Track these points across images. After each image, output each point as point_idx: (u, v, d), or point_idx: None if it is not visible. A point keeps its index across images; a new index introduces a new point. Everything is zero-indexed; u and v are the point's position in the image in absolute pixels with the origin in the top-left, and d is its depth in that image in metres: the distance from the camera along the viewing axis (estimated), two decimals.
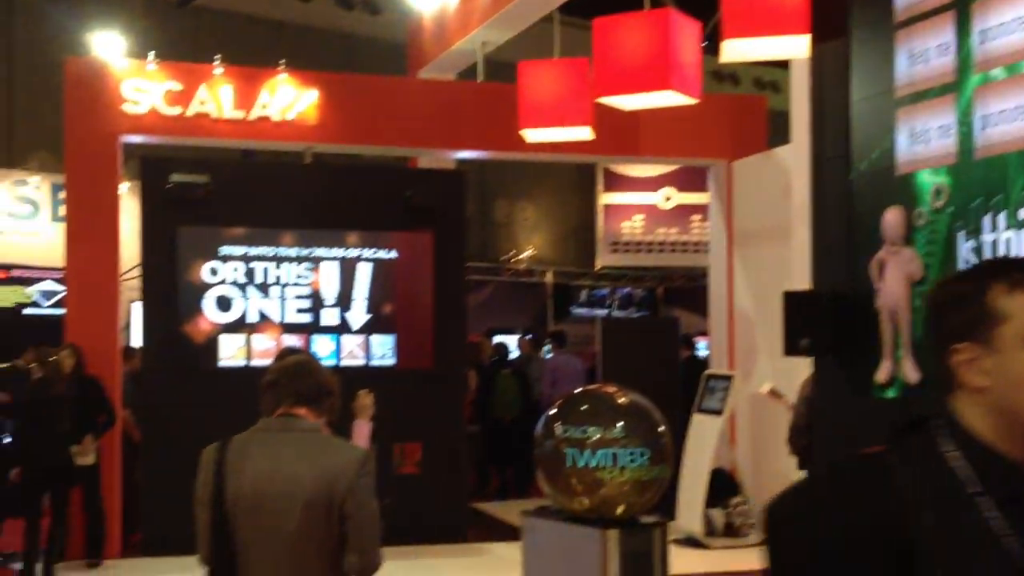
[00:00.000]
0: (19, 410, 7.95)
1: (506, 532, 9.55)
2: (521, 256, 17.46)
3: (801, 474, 6.92)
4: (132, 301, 10.96)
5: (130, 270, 10.22)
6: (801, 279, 6.96)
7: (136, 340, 10.25)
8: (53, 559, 8.05)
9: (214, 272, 9.04)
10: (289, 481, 3.07)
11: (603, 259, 16.72)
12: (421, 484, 9.20)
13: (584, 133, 7.61)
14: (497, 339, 13.27)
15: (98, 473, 8.54)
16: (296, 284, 9.20)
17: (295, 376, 3.29)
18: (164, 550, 8.18)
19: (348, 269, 9.28)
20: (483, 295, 16.17)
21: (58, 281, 11.68)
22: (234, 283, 9.08)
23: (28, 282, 12.05)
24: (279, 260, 9.17)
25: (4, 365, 8.87)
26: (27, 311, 11.94)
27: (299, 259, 9.20)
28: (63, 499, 8.12)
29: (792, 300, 6.01)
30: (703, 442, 9.00)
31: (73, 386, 8.15)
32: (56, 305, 11.66)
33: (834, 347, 5.70)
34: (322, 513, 3.05)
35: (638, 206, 15.90)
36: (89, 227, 9.06)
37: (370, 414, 6.09)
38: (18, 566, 8.09)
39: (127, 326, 9.75)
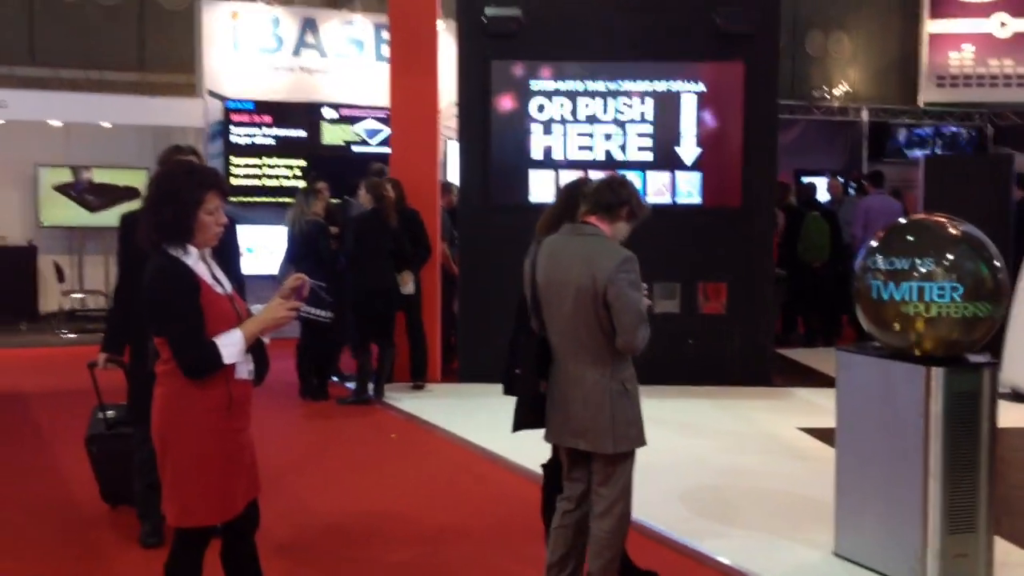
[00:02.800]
0: (351, 240, 8.52)
1: (812, 378, 9.38)
2: (835, 92, 16.49)
3: None
4: (448, 138, 11.38)
5: (447, 107, 10.57)
6: None
7: (453, 176, 10.67)
8: (382, 379, 8.77)
9: (525, 107, 9.21)
10: (566, 272, 3.89)
11: (926, 95, 15.52)
12: (725, 325, 9.14)
13: None
14: (806, 180, 12.74)
15: (419, 302, 9.11)
16: (604, 120, 9.20)
17: (594, 191, 4.03)
18: (479, 377, 8.66)
19: (657, 103, 9.15)
20: (791, 134, 15.50)
21: (381, 120, 12.31)
22: (545, 118, 9.21)
23: (355, 121, 12.79)
24: (588, 94, 9.18)
25: (336, 201, 9.53)
26: (356, 148, 12.71)
27: (608, 93, 9.17)
28: (389, 323, 8.75)
29: None
30: None
31: (396, 218, 8.66)
32: (382, 143, 12.31)
33: None
34: (588, 299, 3.82)
35: (968, 35, 14.51)
36: (410, 65, 9.43)
37: None
38: (352, 385, 8.88)
39: (444, 162, 10.14)
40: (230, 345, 3.26)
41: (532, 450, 4.22)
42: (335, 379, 9.16)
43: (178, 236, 3.28)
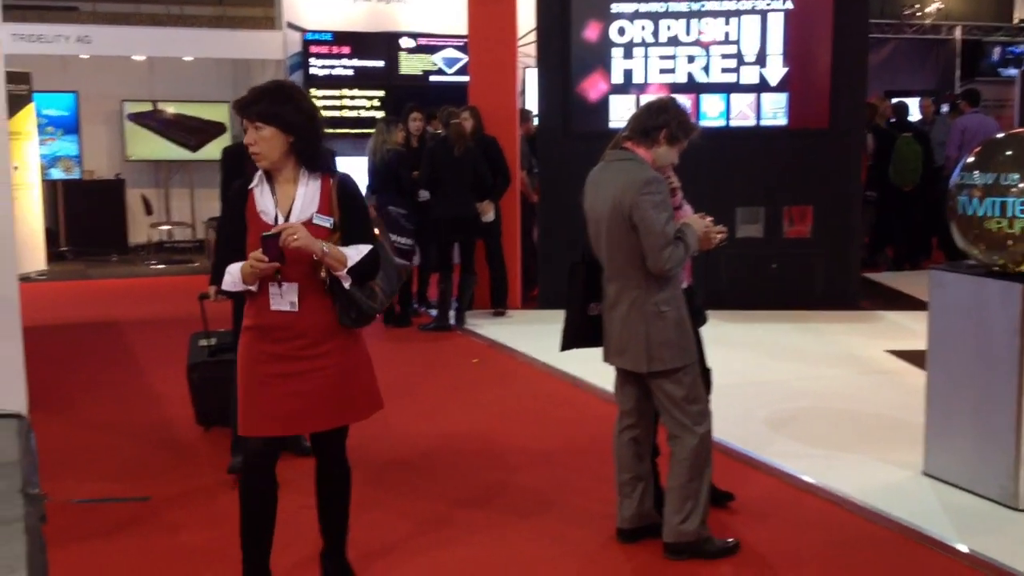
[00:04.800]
0: (426, 168, 8.53)
1: (900, 302, 9.18)
2: (927, 10, 15.87)
3: None
4: (526, 67, 11.26)
5: (526, 34, 10.45)
6: None
7: (531, 104, 10.58)
8: (463, 306, 8.82)
9: (605, 32, 9.04)
10: (601, 198, 3.96)
11: (1022, 11, 14.80)
12: (811, 249, 8.97)
13: None
14: (896, 101, 12.33)
15: (499, 230, 9.10)
16: (685, 42, 8.99)
17: (635, 116, 4.05)
18: (558, 304, 8.63)
19: (742, 23, 8.91)
20: (882, 54, 15.00)
21: (460, 49, 12.23)
22: (625, 42, 9.05)
23: (433, 50, 12.72)
24: (671, 15, 8.96)
25: (438, 131, 9.50)
26: (433, 78, 12.67)
27: (691, 14, 8.94)
28: (469, 251, 8.78)
29: None
30: None
31: (473, 146, 8.64)
32: (459, 72, 12.24)
33: None
34: (618, 223, 3.89)
35: None
36: None
37: None
38: (433, 312, 8.95)
39: (523, 90, 10.06)
40: (230, 274, 3.34)
41: (611, 372, 4.21)
42: (418, 306, 9.24)
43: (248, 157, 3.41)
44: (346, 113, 12.45)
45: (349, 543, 3.74)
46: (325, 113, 12.08)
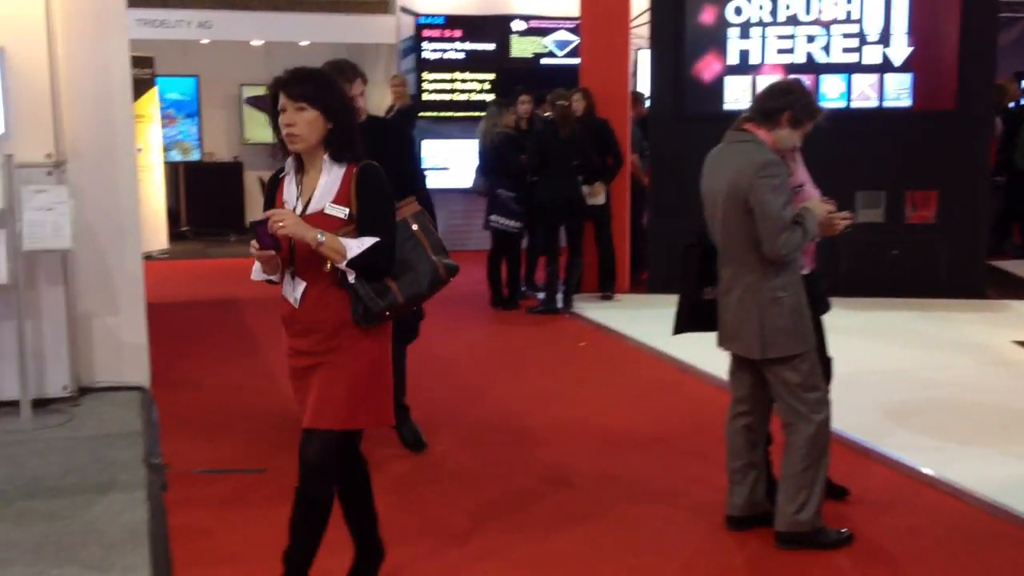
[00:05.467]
0: (532, 151, 8.50)
1: None
2: None
3: None
4: (639, 48, 11.12)
5: (639, 16, 10.32)
6: None
7: (642, 86, 10.45)
8: (571, 289, 8.78)
9: (721, 12, 8.87)
10: (717, 180, 3.88)
11: None
12: (935, 235, 8.66)
13: None
14: None
15: (608, 213, 9.03)
16: (804, 21, 8.75)
17: (757, 97, 3.98)
18: (668, 288, 8.52)
19: (862, 2, 8.62)
20: (1011, 34, 14.37)
21: (571, 31, 12.15)
22: (741, 22, 8.86)
23: (545, 32, 12.66)
24: None
25: (547, 114, 9.47)
26: (544, 61, 12.61)
27: None
28: (577, 234, 8.73)
29: None
30: None
31: (582, 128, 8.57)
32: (570, 55, 12.17)
33: None
34: (733, 206, 3.79)
35: None
36: None
37: None
38: (542, 296, 8.93)
39: (634, 72, 9.94)
40: (255, 264, 3.23)
41: (722, 357, 4.13)
42: (525, 289, 9.24)
43: (282, 144, 3.18)
44: (457, 96, 12.49)
45: (455, 525, 3.73)
46: (437, 97, 12.18)
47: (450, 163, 11.90)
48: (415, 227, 3.21)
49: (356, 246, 3.05)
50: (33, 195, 5.26)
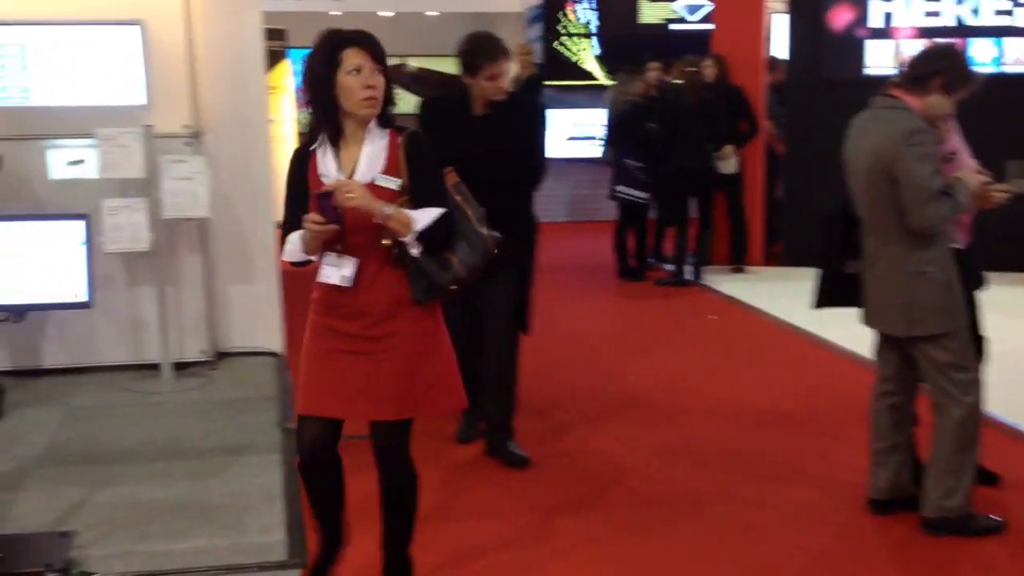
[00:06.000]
0: (661, 119, 8.34)
1: None
2: None
3: None
4: (773, 12, 10.77)
5: None
6: None
7: (778, 51, 10.13)
8: (701, 261, 8.61)
9: None
10: (862, 147, 3.70)
11: None
12: None
13: None
14: None
15: (740, 183, 8.79)
16: None
17: (909, 62, 3.76)
18: (803, 261, 8.27)
19: None
20: None
21: None
22: None
23: None
24: None
25: (678, 81, 9.29)
26: (674, 27, 12.36)
27: None
28: (707, 204, 8.53)
29: None
30: None
31: (713, 95, 8.34)
32: (702, 20, 11.90)
33: None
34: (877, 175, 3.61)
35: None
36: None
37: None
38: (670, 267, 8.78)
39: (769, 37, 9.63)
40: (291, 243, 2.99)
41: (862, 333, 3.94)
42: (653, 260, 9.10)
43: (326, 108, 2.89)
44: (586, 65, 12.35)
45: (581, 503, 3.68)
46: (563, 65, 12.04)
47: (577, 133, 11.79)
48: (459, 198, 3.03)
49: (424, 217, 2.88)
50: (172, 165, 5.38)
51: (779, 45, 9.53)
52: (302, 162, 2.99)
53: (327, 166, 2.94)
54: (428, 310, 3.00)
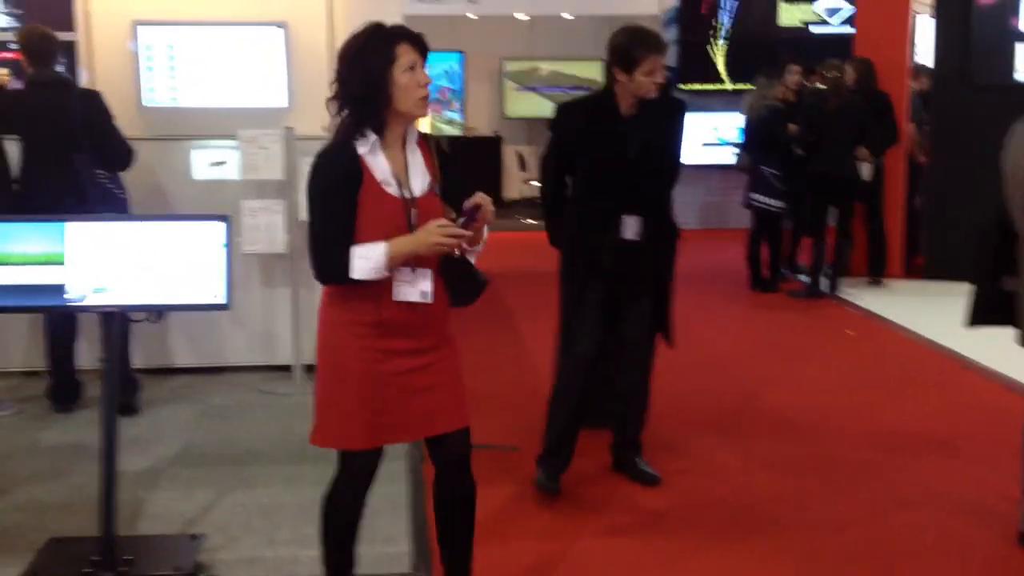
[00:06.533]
0: (803, 124, 8.09)
1: None
2: None
3: None
4: (917, 14, 10.37)
5: None
6: None
7: (923, 57, 9.74)
8: (838, 273, 8.32)
9: None
10: (1020, 154, 3.46)
11: None
12: None
13: None
14: None
15: (880, 192, 8.48)
16: None
17: None
18: (947, 274, 7.93)
19: None
20: None
21: None
22: None
23: None
24: None
25: (822, 86, 9.02)
26: (815, 29, 12.01)
27: None
28: (847, 214, 8.24)
29: None
30: None
31: (858, 100, 8.05)
32: (844, 22, 11.54)
33: None
34: None
35: None
36: None
37: None
38: (805, 279, 8.52)
39: (913, 40, 9.27)
40: (365, 258, 2.66)
41: (1014, 353, 3.70)
42: (787, 271, 8.85)
43: (372, 108, 2.69)
44: (721, 68, 12.12)
45: (711, 521, 3.56)
46: (699, 69, 11.82)
47: (711, 138, 11.58)
48: None
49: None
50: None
51: (923, 50, 9.18)
52: (351, 167, 2.70)
53: (382, 170, 2.72)
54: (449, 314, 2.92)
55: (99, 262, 3.26)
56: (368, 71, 2.66)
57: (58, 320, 5.15)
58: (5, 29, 5.89)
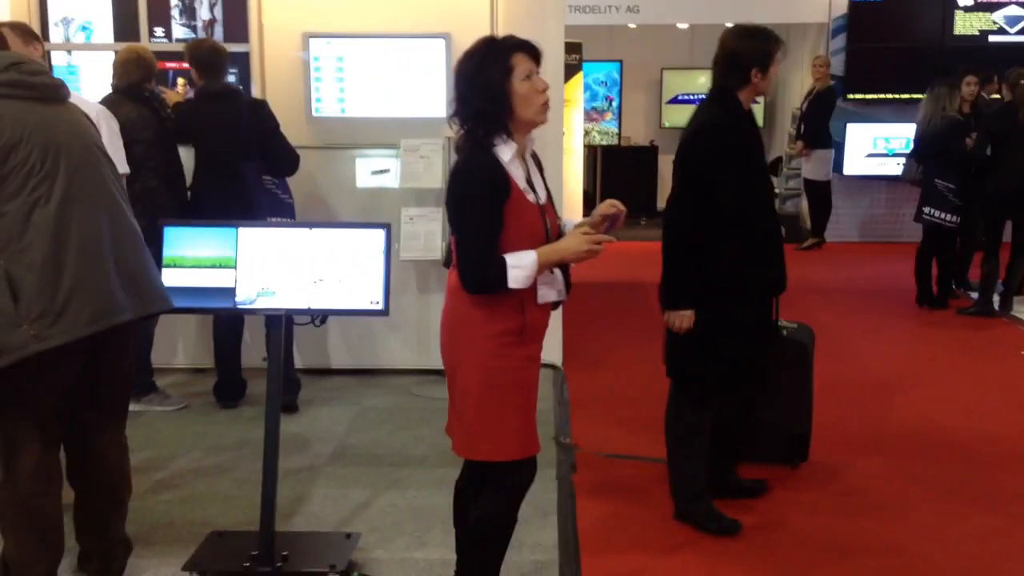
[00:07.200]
0: (984, 136, 7.72)
1: None
2: None
3: None
4: None
5: None
6: None
7: None
8: (1011, 291, 7.93)
9: None
10: None
11: None
12: None
13: None
14: None
15: None
16: None
17: None
18: None
19: None
20: None
21: (1021, 5, 10.94)
22: None
23: (994, 8, 11.48)
24: None
25: (996, 96, 8.65)
26: (993, 38, 11.44)
27: None
28: (1022, 228, 7.81)
29: None
30: None
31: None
32: (1021, 32, 10.97)
33: None
34: None
35: None
36: None
37: None
38: (975, 295, 8.13)
39: None
40: (519, 268, 2.70)
41: None
42: (957, 287, 8.46)
43: (497, 120, 2.73)
44: (890, 77, 11.68)
45: (872, 547, 3.42)
46: (869, 77, 11.42)
47: (877, 149, 11.18)
48: None
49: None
50: None
51: None
52: (500, 177, 2.73)
53: (522, 180, 2.79)
54: None
55: (267, 266, 3.39)
56: (488, 84, 2.73)
57: (226, 320, 5.37)
58: (181, 40, 6.18)
